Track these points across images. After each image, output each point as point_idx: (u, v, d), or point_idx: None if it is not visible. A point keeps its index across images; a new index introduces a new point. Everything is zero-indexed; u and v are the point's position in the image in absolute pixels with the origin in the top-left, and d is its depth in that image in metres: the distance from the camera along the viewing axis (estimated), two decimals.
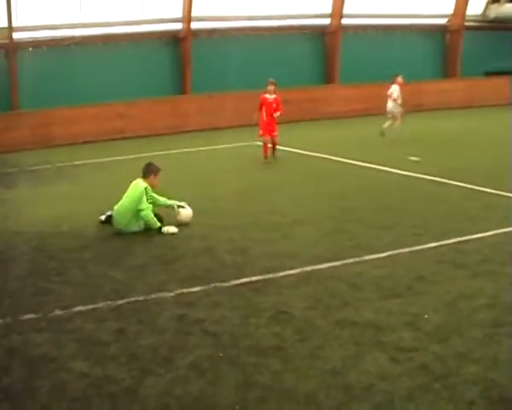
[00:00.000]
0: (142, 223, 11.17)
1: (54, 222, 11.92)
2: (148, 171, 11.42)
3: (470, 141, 19.83)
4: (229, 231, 10.94)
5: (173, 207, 11.49)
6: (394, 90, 20.48)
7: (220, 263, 9.32)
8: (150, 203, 11.14)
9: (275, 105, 17.78)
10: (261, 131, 17.79)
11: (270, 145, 17.90)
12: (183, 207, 11.51)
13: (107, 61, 24.39)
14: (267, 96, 17.87)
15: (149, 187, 11.20)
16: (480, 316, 7.15)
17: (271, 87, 17.76)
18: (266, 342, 6.72)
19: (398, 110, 20.44)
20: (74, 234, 11.17)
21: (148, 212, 11.05)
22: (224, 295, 8.12)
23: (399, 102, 20.38)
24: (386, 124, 20.52)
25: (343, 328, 6.98)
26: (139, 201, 11.06)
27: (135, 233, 10.96)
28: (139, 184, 11.23)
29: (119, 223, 11.19)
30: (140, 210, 11.03)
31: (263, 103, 17.84)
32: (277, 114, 17.72)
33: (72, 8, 23.39)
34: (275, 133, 17.81)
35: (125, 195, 11.36)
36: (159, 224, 11.05)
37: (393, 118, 20.49)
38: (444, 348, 6.42)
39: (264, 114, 17.77)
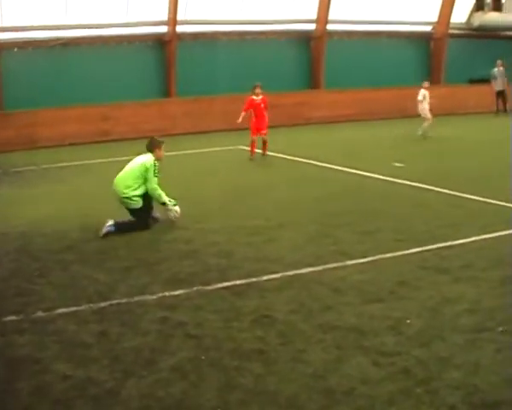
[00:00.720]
0: (141, 200, 11.31)
1: (38, 223, 11.89)
2: (152, 145, 11.67)
3: (454, 147, 19.96)
4: (213, 234, 10.95)
5: (166, 205, 11.55)
6: (425, 94, 22.46)
7: (204, 266, 9.32)
8: (155, 177, 11.35)
9: (262, 105, 18.47)
10: (251, 132, 18.55)
11: (258, 149, 18.17)
12: (175, 204, 11.64)
13: (92, 63, 24.37)
14: (254, 97, 18.44)
15: (155, 162, 11.43)
16: (462, 321, 7.18)
17: (259, 90, 18.38)
18: (249, 346, 6.72)
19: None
20: (58, 235, 11.13)
21: (155, 186, 11.29)
22: (207, 298, 8.12)
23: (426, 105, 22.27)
24: (424, 125, 22.16)
25: (325, 332, 6.99)
26: (145, 172, 11.29)
27: (121, 234, 10.92)
28: (147, 158, 11.45)
29: (119, 192, 11.39)
30: (148, 184, 11.28)
31: (250, 105, 18.42)
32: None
33: (57, 10, 23.34)
34: (263, 131, 18.45)
35: (128, 166, 11.59)
36: (166, 199, 11.34)
37: (426, 119, 22.19)
38: (426, 353, 6.44)
39: (253, 114, 18.42)
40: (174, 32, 25.36)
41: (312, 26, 28.45)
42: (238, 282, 8.62)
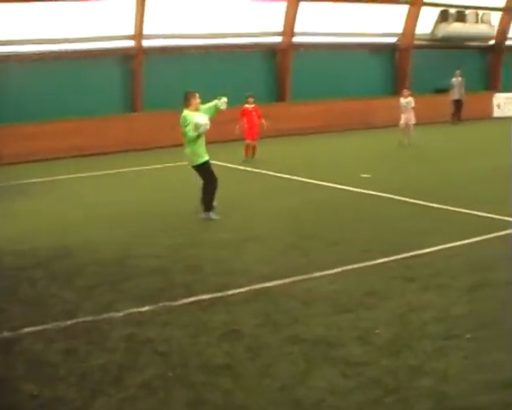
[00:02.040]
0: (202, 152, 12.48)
1: (5, 241, 11.75)
2: (187, 100, 12.51)
3: (418, 157, 20.14)
4: (182, 249, 10.89)
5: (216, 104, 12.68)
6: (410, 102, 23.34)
7: (171, 282, 9.25)
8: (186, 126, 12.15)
9: (254, 113, 20.45)
10: (245, 136, 20.51)
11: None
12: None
13: (58, 78, 24.19)
14: (247, 106, 20.47)
15: (187, 114, 12.30)
16: (430, 329, 7.21)
17: (251, 99, 20.53)
18: (216, 361, 6.68)
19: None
20: (26, 252, 11.01)
21: (190, 134, 12.23)
22: (174, 314, 8.06)
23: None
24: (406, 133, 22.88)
25: (293, 344, 6.96)
26: (184, 128, 12.18)
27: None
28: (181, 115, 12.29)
29: (188, 156, 12.53)
30: (188, 135, 12.25)
31: (244, 113, 20.42)
32: (263, 121, 20.40)
33: (23, 25, 23.14)
34: (255, 137, 20.51)
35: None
36: (207, 121, 12.23)
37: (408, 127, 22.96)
38: (395, 362, 6.44)
39: (246, 121, 20.31)
40: (140, 46, 25.30)
41: (278, 39, 28.55)
42: (204, 297, 8.56)
